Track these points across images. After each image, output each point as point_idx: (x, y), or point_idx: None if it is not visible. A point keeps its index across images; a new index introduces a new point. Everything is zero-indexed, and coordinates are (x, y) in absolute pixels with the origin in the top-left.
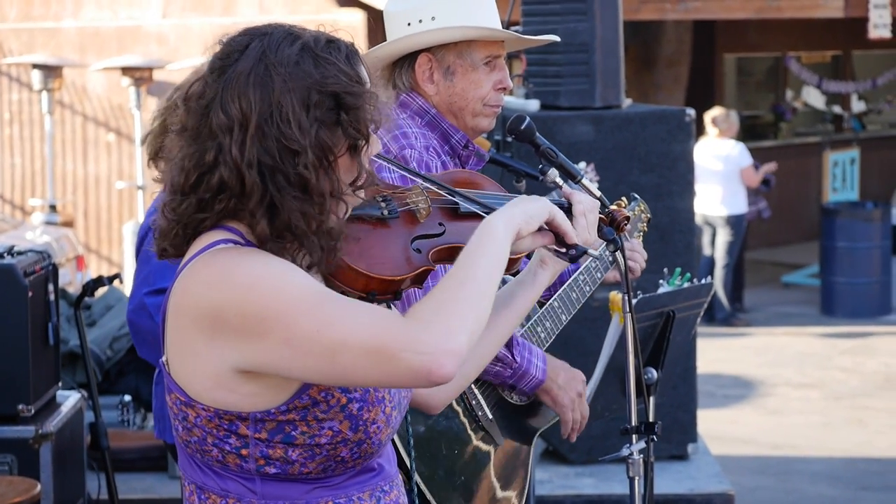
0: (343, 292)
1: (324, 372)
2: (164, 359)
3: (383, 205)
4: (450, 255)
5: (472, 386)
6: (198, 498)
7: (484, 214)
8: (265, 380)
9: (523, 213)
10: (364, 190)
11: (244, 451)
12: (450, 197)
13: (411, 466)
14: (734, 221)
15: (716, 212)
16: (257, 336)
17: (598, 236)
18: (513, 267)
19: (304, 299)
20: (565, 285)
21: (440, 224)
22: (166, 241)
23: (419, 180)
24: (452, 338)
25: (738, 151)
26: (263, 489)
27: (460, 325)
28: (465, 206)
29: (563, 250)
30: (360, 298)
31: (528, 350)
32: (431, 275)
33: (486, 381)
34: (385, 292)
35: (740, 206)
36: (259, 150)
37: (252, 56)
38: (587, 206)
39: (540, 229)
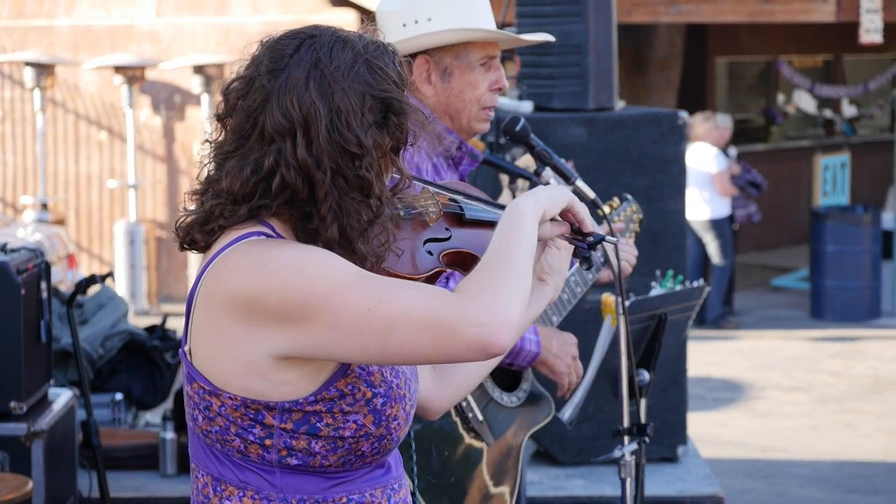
0: None
1: (377, 348)
2: (186, 348)
3: (399, 206)
4: (456, 259)
5: None
6: (213, 490)
7: (493, 221)
8: (300, 368)
9: (548, 197)
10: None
11: (268, 442)
12: (459, 204)
13: (413, 470)
14: (713, 226)
15: (694, 216)
16: (302, 320)
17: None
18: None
19: (351, 280)
20: None
21: (447, 229)
22: (199, 234)
23: (430, 187)
24: (506, 310)
25: (709, 157)
26: (283, 481)
27: (511, 298)
28: (472, 214)
29: (581, 238)
30: None
31: None
32: (441, 278)
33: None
34: None
35: (718, 210)
36: (326, 152)
37: (306, 60)
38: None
39: (554, 220)
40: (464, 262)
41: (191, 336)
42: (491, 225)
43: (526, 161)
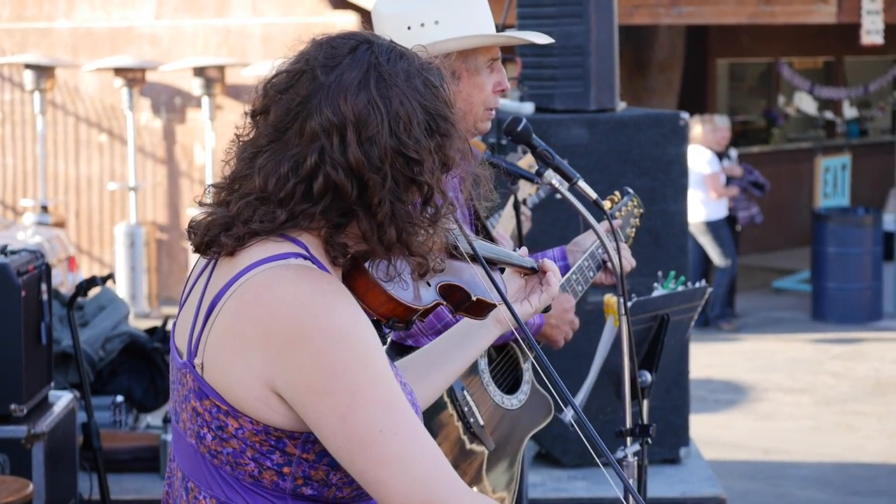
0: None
1: (361, 466)
2: (196, 360)
3: None
4: (449, 292)
5: (465, 392)
6: None
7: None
8: None
9: None
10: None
11: (286, 469)
12: (455, 241)
13: None
14: (709, 228)
15: (691, 218)
16: (318, 390)
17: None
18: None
19: (387, 390)
20: None
21: (441, 261)
22: (228, 238)
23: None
24: None
25: (703, 159)
26: None
27: None
28: (463, 246)
29: None
30: (379, 321)
31: None
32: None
33: (477, 387)
34: (403, 320)
35: (714, 212)
36: (384, 153)
37: (364, 61)
38: (557, 278)
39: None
40: (451, 295)
41: (203, 349)
42: (490, 262)
43: (528, 161)
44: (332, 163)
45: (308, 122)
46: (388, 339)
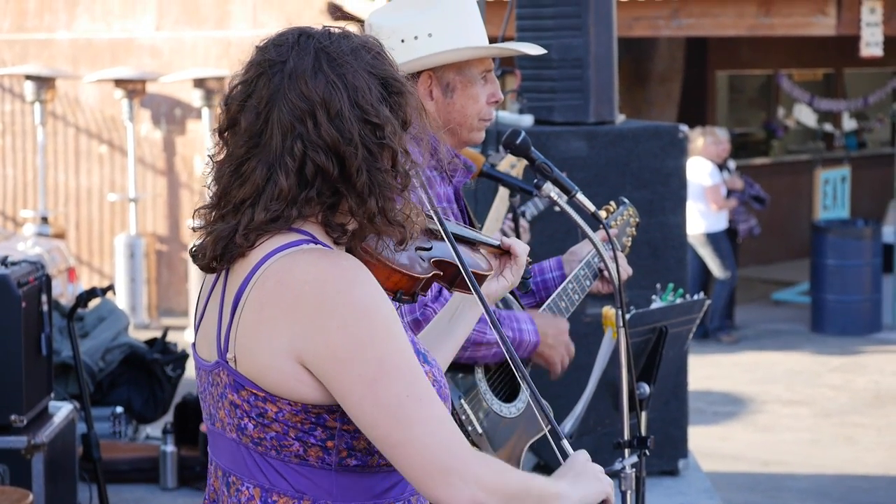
0: None
1: (377, 428)
2: (229, 356)
3: None
4: (439, 267)
5: (462, 402)
6: (262, 502)
7: (467, 238)
8: None
9: (584, 497)
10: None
11: (329, 444)
12: (437, 219)
13: None
14: (709, 239)
15: (691, 230)
16: (345, 360)
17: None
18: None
19: (409, 362)
20: (554, 295)
21: (427, 240)
22: (241, 238)
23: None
24: (487, 495)
25: (704, 171)
26: (339, 484)
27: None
28: (450, 228)
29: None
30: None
31: (515, 320)
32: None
33: (475, 396)
34: (408, 292)
35: (714, 224)
36: (352, 126)
37: (309, 47)
38: (522, 249)
39: None
40: (445, 271)
41: (234, 343)
42: (464, 241)
43: (509, 161)
44: (313, 146)
45: (280, 116)
46: None
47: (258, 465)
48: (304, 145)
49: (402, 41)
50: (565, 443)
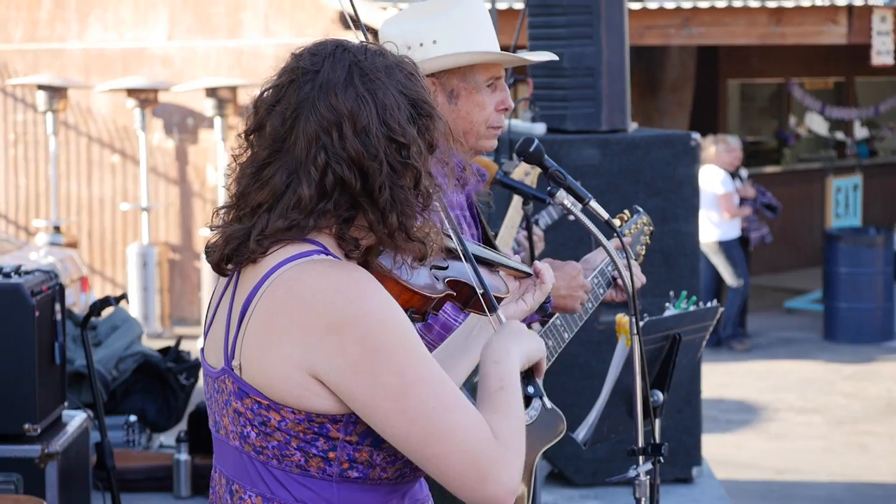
0: None
1: (409, 442)
2: (234, 363)
3: None
4: (454, 288)
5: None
6: None
7: (484, 258)
8: None
9: (528, 353)
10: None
11: (331, 454)
12: (455, 237)
13: None
14: (721, 248)
15: (703, 238)
16: (367, 373)
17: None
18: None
19: (430, 368)
20: None
21: (444, 259)
22: (255, 244)
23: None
24: (518, 479)
25: (716, 179)
26: (341, 496)
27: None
28: (468, 249)
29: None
30: None
31: None
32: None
33: None
34: (420, 311)
35: (727, 232)
36: (378, 141)
37: (344, 60)
38: (550, 275)
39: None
40: (460, 292)
41: (240, 351)
42: (483, 262)
43: (523, 169)
44: (336, 158)
45: (306, 125)
46: None
47: (260, 474)
48: (328, 156)
49: (409, 48)
50: (500, 311)
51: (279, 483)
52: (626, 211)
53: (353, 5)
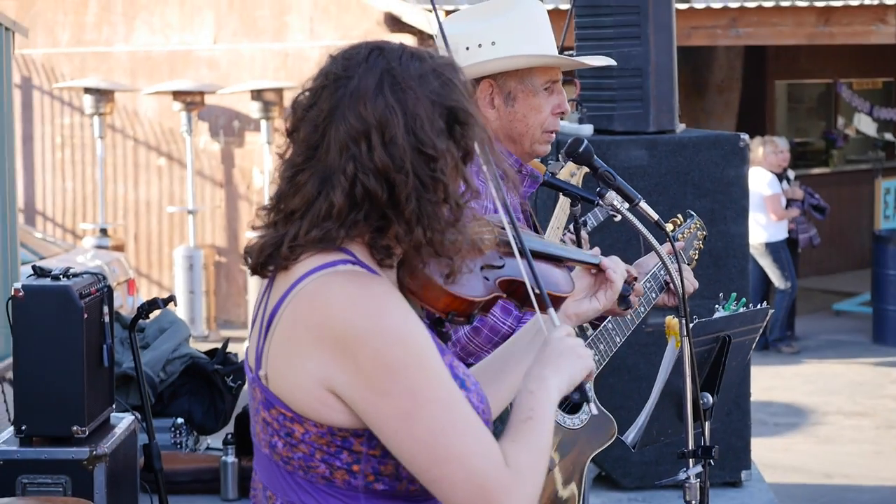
0: (421, 309)
1: (415, 462)
2: (261, 373)
3: None
4: (510, 287)
5: None
6: None
7: (545, 253)
8: None
9: (570, 378)
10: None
11: (355, 467)
12: (513, 234)
13: None
14: (769, 249)
15: (751, 240)
16: (378, 391)
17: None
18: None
19: (445, 388)
20: None
21: (500, 257)
22: (287, 249)
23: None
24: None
25: (763, 181)
26: None
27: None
28: (529, 245)
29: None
30: (438, 317)
31: None
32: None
33: None
34: (462, 314)
35: (774, 234)
36: (404, 153)
37: (377, 67)
38: (619, 275)
39: None
40: (517, 291)
41: (266, 360)
42: (543, 257)
43: (570, 169)
44: (364, 168)
45: (336, 133)
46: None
47: (289, 482)
48: (356, 167)
49: (467, 48)
50: (552, 311)
51: (308, 493)
52: (679, 215)
53: (439, 22)
